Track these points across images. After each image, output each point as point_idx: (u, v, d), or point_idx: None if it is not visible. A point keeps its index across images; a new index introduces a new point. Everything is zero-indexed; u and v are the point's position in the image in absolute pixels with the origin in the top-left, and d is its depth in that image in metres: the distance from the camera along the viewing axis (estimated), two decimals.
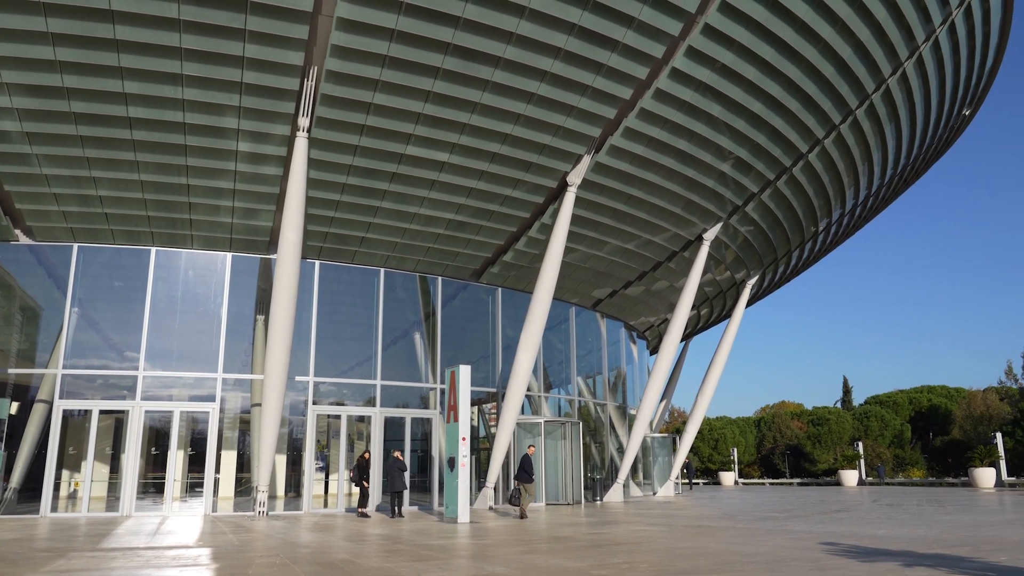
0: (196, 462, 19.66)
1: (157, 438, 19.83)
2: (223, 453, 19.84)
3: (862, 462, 48.92)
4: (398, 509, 17.93)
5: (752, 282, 29.25)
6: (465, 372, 16.71)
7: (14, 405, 18.95)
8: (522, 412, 23.19)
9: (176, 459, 19.12)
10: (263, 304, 20.10)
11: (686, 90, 16.76)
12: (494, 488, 21.57)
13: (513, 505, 17.87)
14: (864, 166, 22.37)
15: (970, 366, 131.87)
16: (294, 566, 8.49)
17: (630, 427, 29.04)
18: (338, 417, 21.22)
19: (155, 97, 15.18)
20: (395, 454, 18.40)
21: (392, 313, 22.19)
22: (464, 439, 16.28)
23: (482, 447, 24.32)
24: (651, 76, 16.41)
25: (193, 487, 19.53)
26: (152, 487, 19.28)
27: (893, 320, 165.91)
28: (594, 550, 10.02)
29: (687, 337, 38.68)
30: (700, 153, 18.83)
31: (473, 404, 23.39)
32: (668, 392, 36.63)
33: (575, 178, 18.81)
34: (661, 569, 8.01)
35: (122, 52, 14.10)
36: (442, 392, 21.92)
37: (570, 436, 24.47)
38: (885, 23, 16.60)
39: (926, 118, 21.85)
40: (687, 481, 45.16)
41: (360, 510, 18.42)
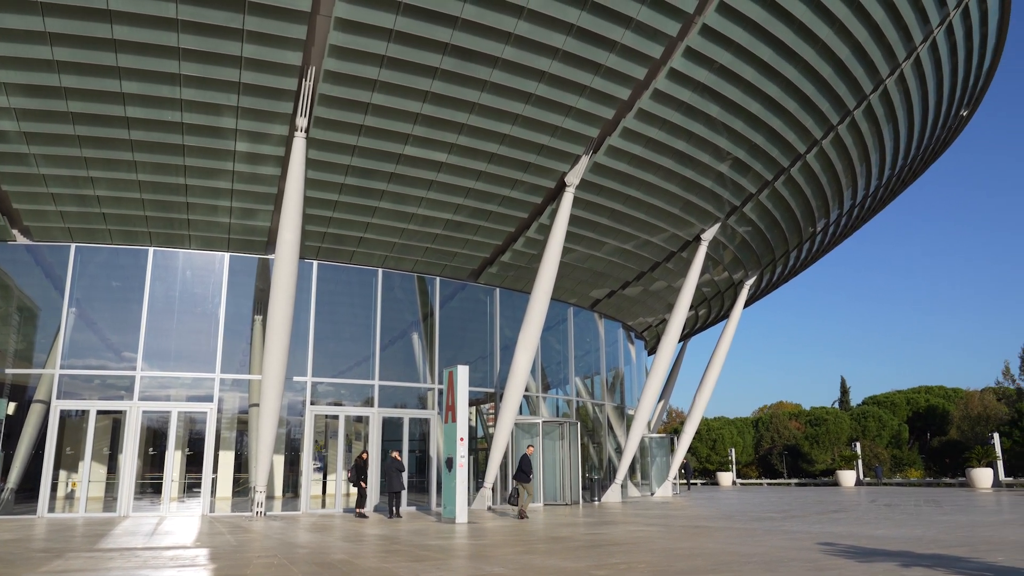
0: (194, 462, 19.63)
1: (155, 438, 19.82)
2: (221, 453, 19.83)
3: (860, 462, 48.98)
4: (396, 509, 17.92)
5: (750, 283, 29.27)
6: (463, 372, 16.71)
7: (11, 405, 18.92)
8: (520, 412, 23.20)
9: (174, 459, 19.10)
10: (261, 304, 20.10)
11: (684, 91, 16.78)
12: (492, 488, 21.57)
13: (512, 505, 17.88)
14: (862, 167, 22.40)
15: (968, 367, 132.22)
16: (292, 566, 8.49)
17: (628, 427, 29.06)
18: (336, 417, 21.21)
19: (153, 97, 15.17)
20: (393, 454, 18.40)
21: (390, 313, 22.18)
22: (462, 439, 16.28)
23: (480, 447, 24.32)
24: (649, 76, 16.42)
25: (191, 487, 19.51)
26: (150, 487, 19.26)
27: (891, 321, 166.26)
28: (592, 550, 10.03)
29: (685, 337, 38.70)
30: (698, 154, 18.85)
31: (471, 404, 23.39)
32: (666, 392, 36.65)
33: (573, 178, 18.81)
34: (659, 569, 8.01)
35: (120, 52, 14.10)
36: (440, 392, 21.93)
37: (568, 436, 24.48)
38: (883, 24, 16.62)
39: (924, 119, 21.89)
40: (685, 481, 45.18)
41: (358, 510, 18.41)
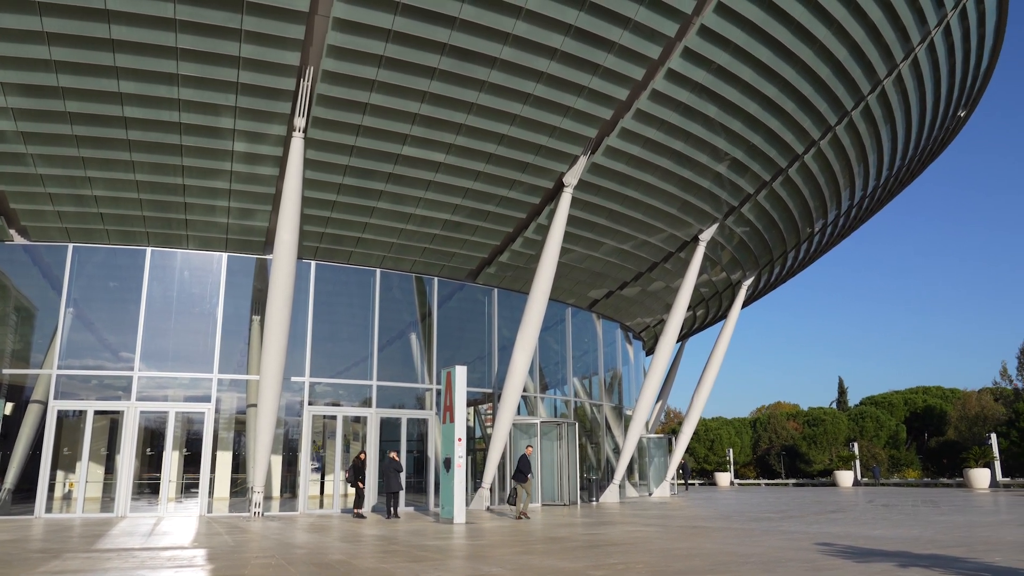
0: (191, 463, 19.60)
1: (152, 439, 19.80)
2: (218, 454, 19.80)
3: (857, 463, 49.05)
4: (394, 510, 17.92)
5: (748, 283, 29.29)
6: (461, 373, 16.71)
7: (9, 405, 18.89)
8: (518, 413, 23.19)
9: (171, 460, 19.07)
10: (259, 304, 20.09)
11: (682, 91, 16.78)
12: (490, 489, 21.57)
13: (511, 505, 17.89)
14: (860, 167, 22.42)
15: (965, 367, 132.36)
16: (290, 567, 8.48)
17: (626, 428, 29.07)
18: (334, 418, 21.19)
19: (151, 97, 15.15)
20: (391, 455, 18.39)
21: (388, 313, 22.17)
22: (460, 440, 16.27)
23: (478, 448, 24.32)
24: (647, 77, 16.43)
25: (188, 488, 19.48)
26: (147, 488, 19.23)
27: (889, 321, 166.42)
28: (590, 551, 10.03)
29: (683, 338, 38.71)
30: (696, 154, 18.86)
31: (469, 405, 23.38)
32: (664, 393, 36.64)
33: (571, 179, 18.82)
34: (657, 570, 8.01)
35: (118, 52, 14.08)
36: (438, 393, 21.92)
37: (566, 437, 24.48)
38: (881, 24, 16.64)
39: (921, 119, 21.92)
40: (683, 482, 45.21)
41: (356, 511, 18.40)
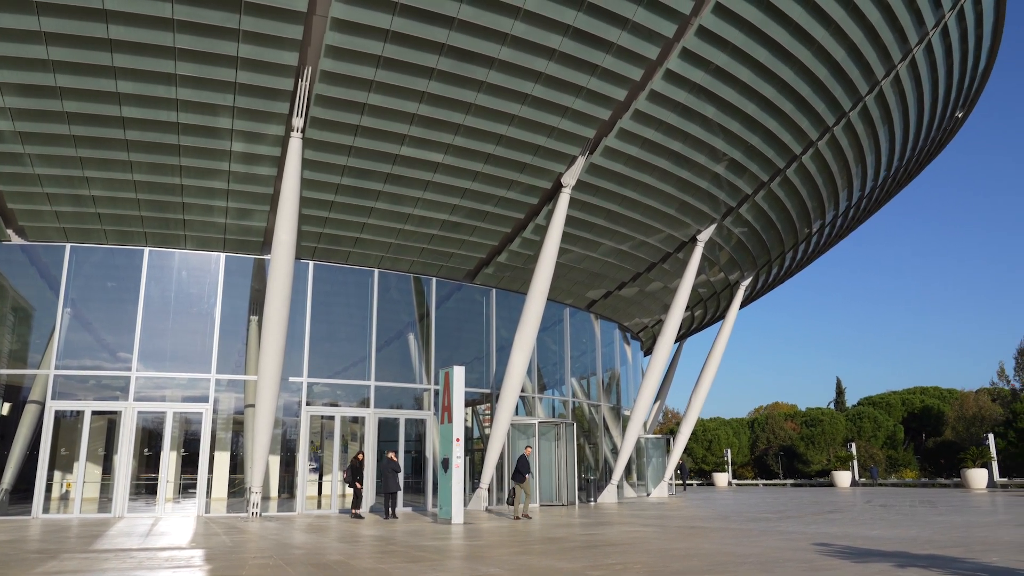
0: (189, 463, 19.58)
1: (150, 439, 19.77)
2: (216, 454, 19.77)
3: (855, 463, 49.08)
4: (392, 510, 17.91)
5: (746, 283, 29.31)
6: (459, 373, 16.70)
7: (6, 406, 18.87)
8: (516, 413, 23.18)
9: (169, 460, 19.05)
10: (257, 305, 20.07)
11: (680, 92, 16.79)
12: (488, 489, 21.56)
13: (510, 506, 17.91)
14: (858, 168, 22.45)
15: (963, 367, 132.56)
16: (287, 567, 8.47)
17: (624, 428, 29.07)
18: (332, 418, 21.18)
19: (149, 97, 15.14)
20: (389, 455, 18.38)
21: (386, 314, 22.15)
22: (458, 440, 16.27)
23: (476, 448, 24.31)
24: (646, 78, 16.43)
25: (186, 488, 19.46)
26: (145, 488, 19.20)
27: (886, 321, 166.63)
28: (588, 551, 10.03)
29: (681, 338, 38.72)
30: (694, 154, 18.87)
31: (467, 405, 23.40)
32: (662, 393, 36.65)
33: (569, 179, 18.82)
34: (655, 570, 8.01)
35: (116, 52, 14.06)
36: (436, 393, 21.91)
37: (564, 437, 24.48)
38: (879, 25, 16.66)
39: (919, 120, 21.94)
40: (681, 482, 45.22)
41: (354, 511, 18.40)
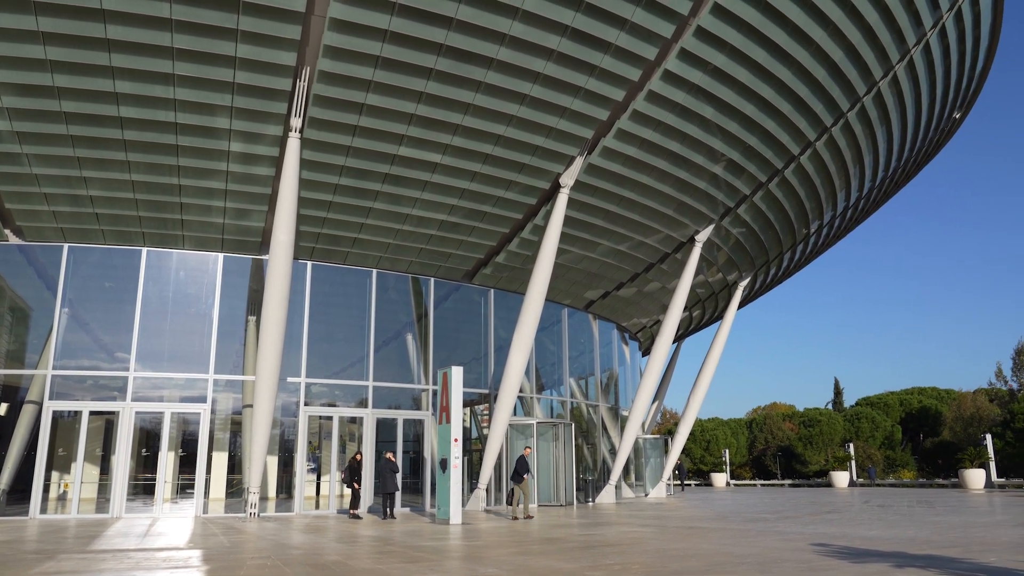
0: (187, 463, 19.56)
1: (148, 439, 19.75)
2: (214, 454, 19.76)
3: (853, 463, 49.13)
4: (390, 510, 17.90)
5: (744, 284, 29.33)
6: (457, 373, 16.71)
7: (3, 406, 18.84)
8: (514, 413, 23.19)
9: (167, 460, 19.03)
10: (255, 305, 20.05)
11: (679, 92, 16.80)
12: (486, 489, 21.55)
13: (509, 506, 17.93)
14: (856, 168, 22.47)
15: (960, 368, 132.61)
16: (285, 568, 8.46)
17: (622, 428, 29.07)
18: (330, 418, 21.16)
19: (147, 97, 15.12)
20: (387, 455, 18.38)
21: (384, 314, 22.14)
22: (456, 440, 16.27)
23: (474, 448, 24.30)
24: (644, 78, 16.44)
25: (184, 488, 19.44)
26: (142, 489, 19.18)
27: (884, 322, 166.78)
28: (586, 551, 10.03)
29: (679, 339, 38.76)
30: (692, 155, 18.88)
31: (465, 405, 23.39)
32: (660, 393, 36.67)
33: (568, 180, 18.82)
34: (653, 570, 8.02)
35: (113, 52, 14.05)
36: (434, 393, 21.88)
37: (562, 437, 24.48)
38: (877, 26, 16.68)
39: (917, 120, 21.97)
40: (679, 482, 45.23)
41: (352, 512, 18.39)
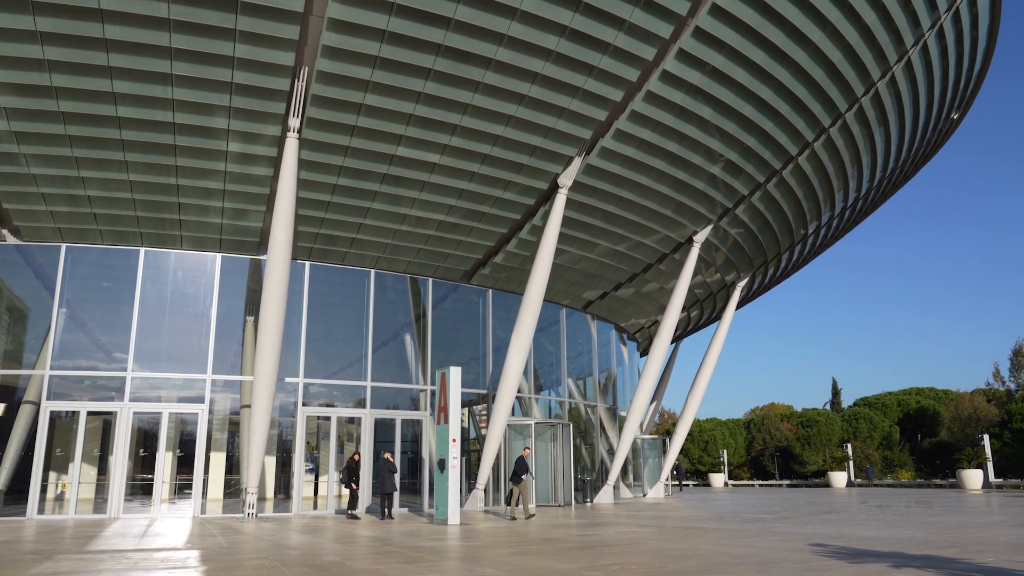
0: (185, 464, 19.55)
1: (145, 440, 19.72)
2: (212, 455, 19.74)
3: (851, 464, 49.13)
4: (388, 511, 17.89)
5: (742, 284, 29.35)
6: (455, 374, 16.70)
7: (1, 406, 18.80)
8: (512, 414, 23.18)
9: (164, 461, 19.01)
10: (253, 305, 20.03)
11: (677, 92, 16.81)
12: (484, 490, 21.55)
13: (508, 506, 17.94)
14: (854, 169, 22.49)
15: (958, 368, 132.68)
16: (283, 568, 8.46)
17: (620, 429, 29.08)
18: (328, 418, 21.15)
19: (145, 97, 15.11)
20: (385, 456, 18.37)
21: (382, 314, 22.14)
22: (454, 441, 16.26)
23: (472, 449, 24.29)
24: (642, 78, 16.44)
25: (182, 489, 19.43)
26: (140, 489, 19.16)
27: (882, 322, 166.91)
28: (584, 552, 10.03)
29: (677, 339, 38.78)
30: (691, 155, 18.89)
31: (463, 406, 23.38)
32: (658, 394, 36.68)
33: (566, 180, 18.83)
34: (651, 570, 8.02)
35: (111, 51, 14.03)
36: (432, 394, 21.89)
37: (560, 438, 24.48)
38: (875, 27, 16.70)
39: (915, 121, 21.99)
40: (677, 483, 45.24)
41: (350, 512, 18.37)
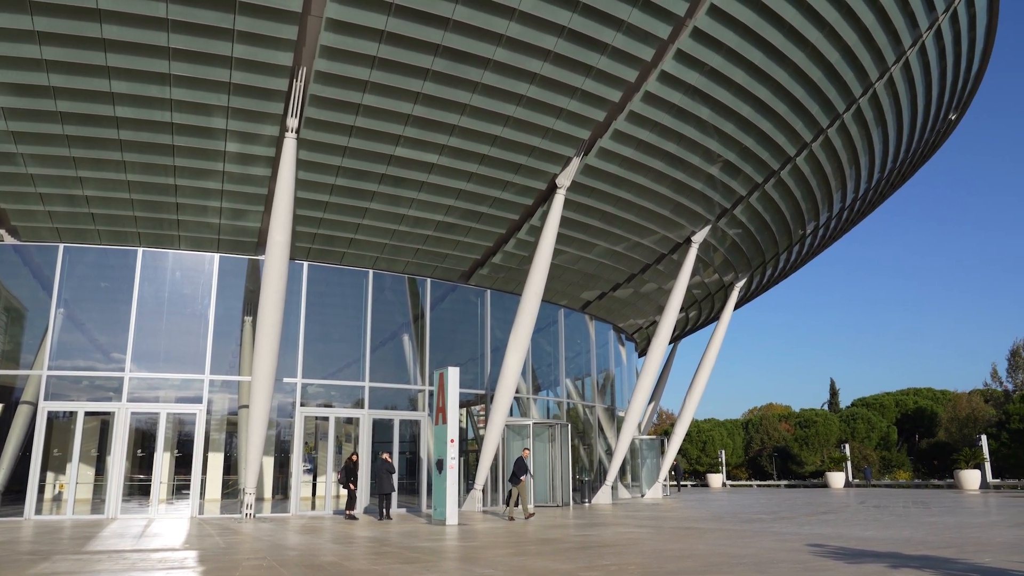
0: (183, 464, 19.53)
1: (143, 440, 19.70)
2: (210, 455, 19.72)
3: (849, 464, 49.20)
4: (386, 511, 17.88)
5: (740, 285, 29.36)
6: (453, 374, 16.69)
7: None
8: (511, 414, 23.18)
9: (162, 461, 18.98)
10: (251, 305, 20.02)
11: (675, 93, 16.82)
12: (482, 490, 21.55)
13: (507, 506, 17.96)
14: (851, 169, 22.52)
15: (956, 369, 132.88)
16: (281, 569, 8.45)
17: (618, 429, 29.07)
18: (326, 419, 21.14)
19: (143, 97, 15.09)
20: (383, 456, 18.36)
21: (381, 315, 22.13)
22: (452, 441, 16.26)
23: (470, 449, 24.29)
24: (640, 79, 16.45)
25: (179, 489, 19.40)
26: (138, 489, 19.14)
27: (880, 323, 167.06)
28: (582, 552, 10.03)
29: (675, 339, 38.79)
30: (689, 156, 18.90)
31: (462, 406, 23.34)
32: (656, 394, 36.71)
33: (564, 180, 18.83)
34: (649, 571, 8.02)
35: (109, 51, 14.02)
36: (430, 394, 21.88)
37: (558, 438, 24.48)
38: (872, 28, 16.71)
39: (912, 122, 22.02)
40: (675, 483, 45.27)
41: (348, 512, 18.36)
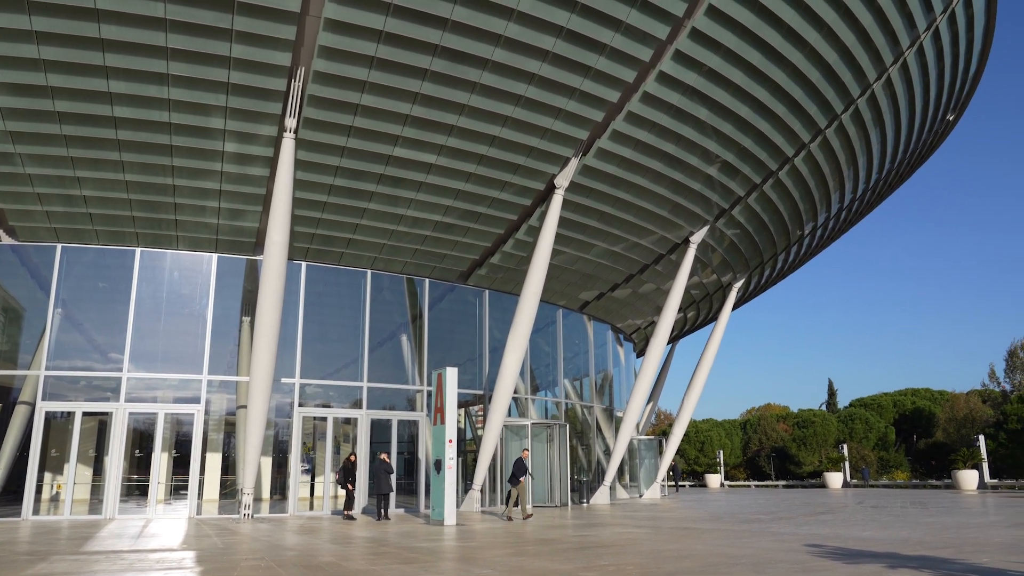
0: (180, 464, 19.50)
1: (141, 440, 19.68)
2: (208, 455, 19.70)
3: (847, 464, 49.26)
4: (384, 512, 17.88)
5: (738, 285, 29.38)
6: (452, 374, 16.69)
7: None
8: (509, 414, 23.18)
9: (160, 461, 18.97)
10: (249, 305, 20.01)
11: (673, 94, 16.84)
12: (481, 491, 21.55)
13: (505, 506, 17.96)
14: (850, 170, 22.54)
15: (954, 369, 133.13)
16: (279, 569, 8.44)
17: (617, 429, 29.08)
18: (324, 419, 21.13)
19: (141, 97, 15.08)
20: (381, 456, 18.35)
21: (379, 315, 22.12)
22: (451, 441, 16.26)
23: (469, 449, 24.29)
24: (639, 79, 16.46)
25: (177, 489, 19.38)
26: (136, 489, 19.12)
27: (878, 323, 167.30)
28: (581, 552, 10.03)
29: (674, 340, 38.81)
30: (687, 156, 18.91)
31: (460, 406, 23.36)
32: (655, 394, 36.73)
33: (563, 181, 18.84)
34: (648, 571, 8.02)
35: (107, 51, 14.00)
36: (429, 394, 21.89)
37: (557, 438, 24.48)
38: (871, 29, 16.74)
39: (910, 123, 22.05)
40: (673, 483, 45.29)
41: (346, 513, 18.36)
